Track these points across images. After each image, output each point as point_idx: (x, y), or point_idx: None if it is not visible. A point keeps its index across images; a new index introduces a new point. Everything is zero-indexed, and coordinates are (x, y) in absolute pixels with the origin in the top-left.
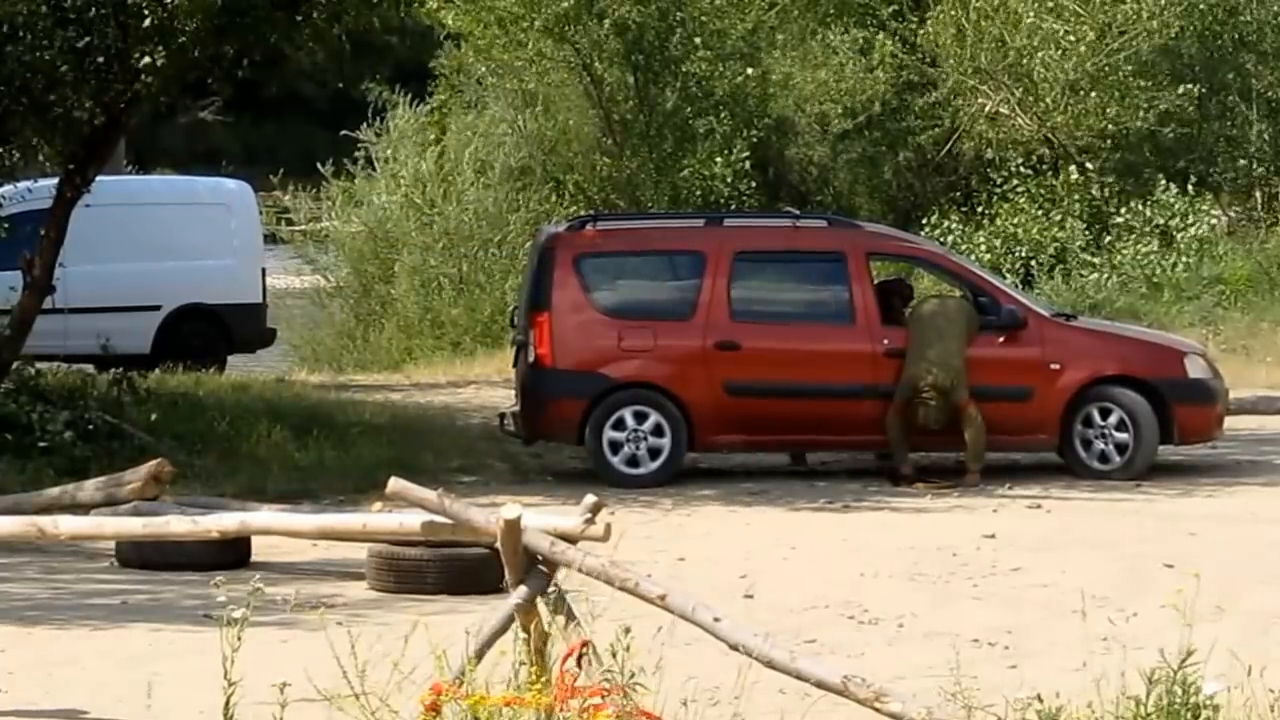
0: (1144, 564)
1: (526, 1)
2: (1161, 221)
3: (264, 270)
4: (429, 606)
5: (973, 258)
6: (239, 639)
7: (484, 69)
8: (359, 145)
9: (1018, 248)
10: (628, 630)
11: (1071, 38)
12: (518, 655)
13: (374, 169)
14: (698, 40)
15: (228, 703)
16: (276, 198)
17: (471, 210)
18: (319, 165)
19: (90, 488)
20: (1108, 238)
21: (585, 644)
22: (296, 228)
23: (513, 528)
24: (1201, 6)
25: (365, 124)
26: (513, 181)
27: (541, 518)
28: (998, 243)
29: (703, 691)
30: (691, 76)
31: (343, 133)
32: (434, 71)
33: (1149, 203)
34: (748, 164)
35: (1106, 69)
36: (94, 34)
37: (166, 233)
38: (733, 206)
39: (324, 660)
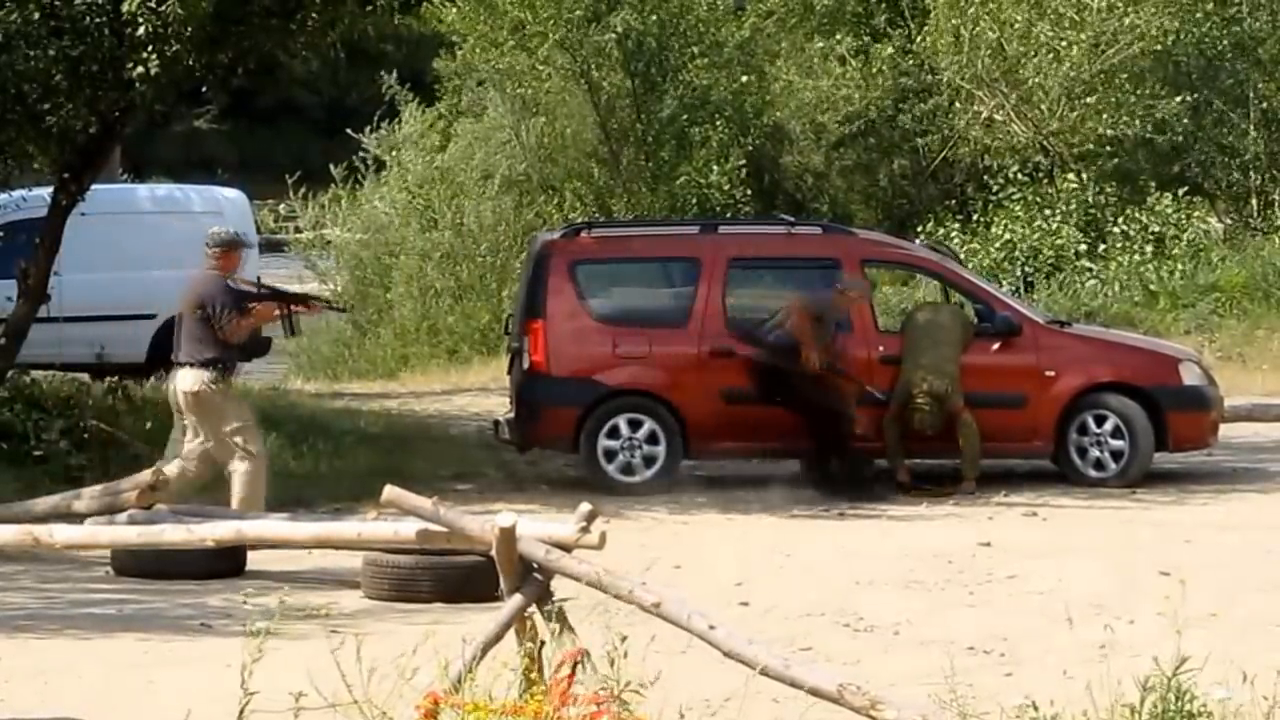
0: (1139, 571)
1: (533, 7)
2: (1157, 229)
3: (259, 278)
4: (423, 615)
5: (970, 265)
6: (260, 650)
7: (485, 70)
8: (360, 149)
9: (1014, 255)
10: (624, 638)
11: (1067, 45)
12: (518, 663)
13: (370, 175)
14: (695, 50)
15: (241, 712)
16: (272, 205)
17: (470, 217)
18: (331, 166)
19: (86, 496)
20: (1103, 245)
21: (581, 652)
22: (295, 235)
23: (507, 536)
24: (1198, 14)
25: (369, 128)
26: (511, 189)
27: (536, 526)
28: (993, 250)
29: (698, 700)
30: (689, 85)
31: (347, 130)
32: (437, 75)
33: (1143, 209)
34: (743, 171)
35: (1103, 76)
36: (89, 43)
37: (161, 241)
38: (728, 214)
39: (317, 669)
